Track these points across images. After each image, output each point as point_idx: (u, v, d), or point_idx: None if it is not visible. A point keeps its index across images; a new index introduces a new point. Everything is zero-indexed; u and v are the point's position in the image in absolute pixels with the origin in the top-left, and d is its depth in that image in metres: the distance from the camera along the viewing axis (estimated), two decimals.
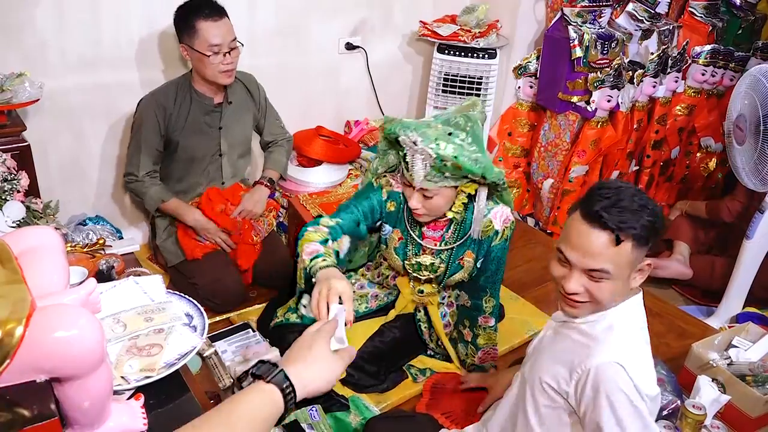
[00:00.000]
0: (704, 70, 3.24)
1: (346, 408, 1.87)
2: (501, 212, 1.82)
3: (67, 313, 0.90)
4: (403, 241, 1.89)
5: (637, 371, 1.27)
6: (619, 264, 1.28)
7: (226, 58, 2.20)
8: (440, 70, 3.02)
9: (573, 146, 3.05)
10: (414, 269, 1.92)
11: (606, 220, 1.25)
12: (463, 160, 1.59)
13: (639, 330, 1.37)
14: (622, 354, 1.29)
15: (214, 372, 1.96)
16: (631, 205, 1.26)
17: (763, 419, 1.91)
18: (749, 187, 2.42)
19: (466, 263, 1.88)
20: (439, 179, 1.66)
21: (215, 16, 2.16)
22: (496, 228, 1.82)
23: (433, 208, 1.74)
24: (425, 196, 1.70)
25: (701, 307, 2.78)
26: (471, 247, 1.86)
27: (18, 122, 2.08)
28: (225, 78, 2.25)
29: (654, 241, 1.30)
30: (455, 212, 1.77)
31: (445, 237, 1.86)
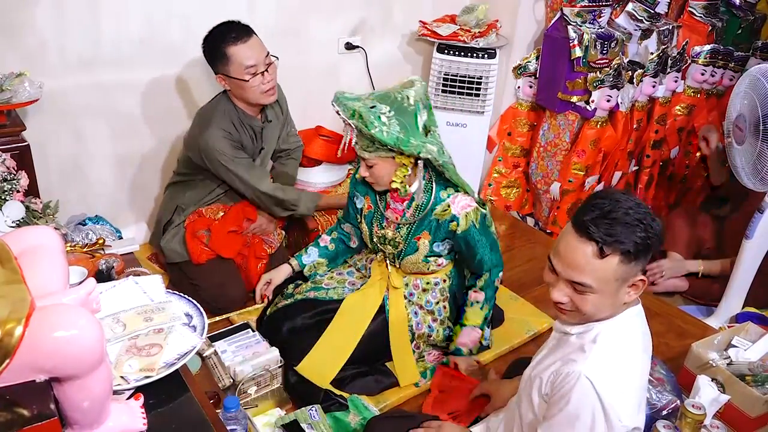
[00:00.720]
0: (704, 69, 3.24)
1: (345, 408, 1.88)
2: (461, 199, 1.90)
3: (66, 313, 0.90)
4: (371, 210, 2.03)
5: (609, 390, 1.23)
6: (603, 279, 1.24)
7: (264, 77, 2.16)
8: (440, 70, 3.02)
9: (573, 146, 3.05)
10: (379, 241, 2.02)
11: (592, 231, 1.21)
12: (375, 131, 1.69)
13: (629, 347, 1.31)
14: (595, 369, 1.25)
15: (213, 372, 1.97)
16: (624, 218, 1.21)
17: (762, 419, 1.91)
18: (749, 187, 2.42)
19: (422, 245, 1.95)
20: (371, 149, 1.78)
21: (243, 38, 2.12)
22: (453, 212, 1.88)
23: (377, 177, 1.86)
24: (368, 165, 1.84)
25: (701, 306, 2.78)
26: (428, 228, 1.93)
27: (17, 122, 2.08)
28: (268, 97, 2.21)
29: (646, 257, 1.25)
30: (399, 183, 1.85)
31: (406, 213, 1.94)
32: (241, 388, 1.85)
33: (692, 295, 2.84)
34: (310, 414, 1.80)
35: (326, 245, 2.20)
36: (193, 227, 2.34)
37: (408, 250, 1.98)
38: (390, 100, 1.75)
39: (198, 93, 2.63)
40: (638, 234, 1.21)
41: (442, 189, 1.91)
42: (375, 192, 1.99)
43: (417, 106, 1.76)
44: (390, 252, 2.02)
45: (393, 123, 1.71)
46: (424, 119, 1.79)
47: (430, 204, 1.91)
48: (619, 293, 1.27)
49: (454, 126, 3.11)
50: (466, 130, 3.11)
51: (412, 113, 1.75)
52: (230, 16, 2.61)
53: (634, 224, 1.21)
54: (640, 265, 1.26)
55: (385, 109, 1.72)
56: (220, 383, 1.93)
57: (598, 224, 1.22)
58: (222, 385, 1.93)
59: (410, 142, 1.73)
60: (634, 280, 1.27)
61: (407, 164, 1.82)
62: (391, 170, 1.84)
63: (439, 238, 1.94)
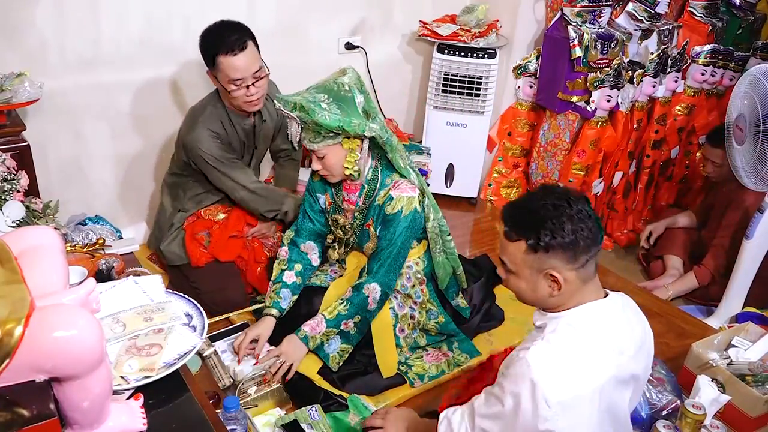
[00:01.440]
0: (704, 69, 3.24)
1: (344, 408, 1.88)
2: (401, 183, 1.93)
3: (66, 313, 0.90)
4: (332, 206, 2.07)
5: (544, 373, 1.23)
6: (515, 262, 1.31)
7: (249, 90, 2.12)
8: (440, 70, 3.02)
9: (573, 146, 3.05)
10: (334, 226, 2.07)
11: (505, 214, 1.32)
12: (318, 117, 1.75)
13: (584, 340, 1.29)
14: (538, 353, 1.26)
15: (213, 372, 1.97)
16: (538, 210, 1.27)
17: (762, 419, 1.91)
18: (749, 187, 2.42)
19: (372, 232, 1.99)
20: (318, 139, 1.82)
21: (236, 51, 2.05)
22: (391, 193, 1.92)
23: (330, 167, 1.89)
24: (318, 157, 1.88)
25: (701, 306, 2.78)
26: (373, 214, 1.97)
27: (18, 122, 2.08)
28: (251, 107, 2.18)
29: (556, 256, 1.26)
30: (352, 169, 1.88)
31: (359, 202, 1.99)
32: (241, 388, 1.85)
33: (692, 295, 2.84)
34: (310, 414, 1.80)
35: (294, 281, 2.07)
36: (192, 229, 2.34)
37: (362, 236, 2.02)
38: (326, 89, 1.81)
39: (198, 93, 2.62)
40: (543, 231, 1.25)
41: (388, 175, 1.96)
42: (331, 187, 2.03)
43: (353, 91, 1.82)
44: (351, 241, 2.06)
45: (333, 107, 1.78)
46: (361, 102, 1.84)
47: (375, 190, 1.96)
48: (539, 284, 1.31)
49: (454, 126, 3.11)
50: (466, 130, 3.11)
51: (349, 98, 1.81)
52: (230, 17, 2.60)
53: (544, 220, 1.26)
54: (551, 261, 1.28)
55: (323, 97, 1.79)
56: (220, 383, 1.93)
57: (513, 208, 1.33)
58: (222, 385, 1.93)
59: (352, 122, 1.79)
60: (548, 273, 1.28)
61: (355, 148, 1.86)
62: (341, 157, 1.87)
63: (380, 222, 1.96)
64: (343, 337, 1.95)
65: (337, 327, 1.93)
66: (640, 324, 1.40)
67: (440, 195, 3.15)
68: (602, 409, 1.28)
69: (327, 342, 1.93)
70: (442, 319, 2.10)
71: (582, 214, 1.27)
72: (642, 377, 1.40)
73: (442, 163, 3.18)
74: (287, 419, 1.79)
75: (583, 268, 1.30)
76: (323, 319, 1.92)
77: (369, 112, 1.86)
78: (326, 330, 1.92)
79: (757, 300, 2.57)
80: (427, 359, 2.09)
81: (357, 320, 1.94)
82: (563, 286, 1.29)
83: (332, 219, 2.08)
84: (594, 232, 1.29)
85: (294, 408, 1.89)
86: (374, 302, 1.94)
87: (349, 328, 1.94)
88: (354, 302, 1.93)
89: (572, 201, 1.28)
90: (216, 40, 2.07)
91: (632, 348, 1.34)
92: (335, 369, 1.93)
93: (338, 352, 1.94)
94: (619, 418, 1.36)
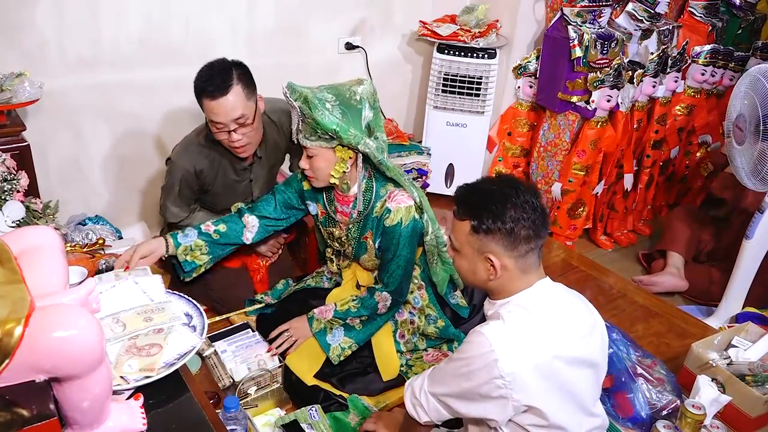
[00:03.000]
0: (704, 69, 3.24)
1: (344, 408, 1.88)
2: (397, 194, 1.90)
3: (66, 313, 0.90)
4: (325, 216, 2.05)
5: (499, 343, 1.27)
6: (459, 240, 1.38)
7: (231, 136, 2.02)
8: (440, 70, 3.02)
9: (573, 146, 3.05)
10: (330, 239, 2.07)
11: (457, 194, 1.38)
12: (317, 114, 1.73)
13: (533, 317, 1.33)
14: (492, 328, 1.30)
15: (213, 372, 1.97)
16: (487, 194, 1.33)
17: (762, 419, 1.91)
18: (749, 187, 2.42)
19: (369, 244, 1.97)
20: (313, 137, 1.80)
21: (216, 94, 1.95)
22: (387, 205, 1.90)
23: (315, 169, 1.87)
24: (308, 155, 1.85)
25: (701, 307, 2.78)
26: (371, 227, 1.95)
27: (18, 122, 2.08)
28: (237, 153, 2.11)
29: (495, 239, 1.31)
30: (336, 178, 1.87)
31: (353, 214, 1.97)
32: (241, 388, 1.85)
33: (692, 295, 2.84)
34: (310, 414, 1.80)
35: (208, 232, 2.01)
36: None
37: (359, 249, 2.01)
38: (337, 92, 1.80)
39: None
40: (486, 214, 1.31)
41: (382, 186, 1.94)
42: (323, 197, 2.02)
43: (363, 103, 1.80)
44: (348, 253, 2.05)
45: (335, 110, 1.76)
46: (368, 117, 1.82)
47: (371, 203, 1.94)
48: (478, 266, 1.36)
49: (454, 126, 3.11)
50: (466, 130, 3.11)
51: (356, 108, 1.79)
52: (230, 16, 2.61)
53: (489, 204, 1.31)
54: (490, 245, 1.33)
55: (331, 98, 1.77)
56: (220, 383, 1.93)
57: (465, 189, 1.38)
58: (222, 385, 1.93)
59: (349, 131, 1.76)
60: (487, 256, 1.33)
61: (346, 159, 1.83)
62: (330, 163, 1.84)
63: (379, 235, 1.96)
64: (346, 330, 1.97)
65: (344, 320, 1.97)
66: (586, 307, 1.43)
67: (440, 195, 3.15)
68: (556, 385, 1.30)
69: (330, 332, 1.95)
70: (442, 323, 2.09)
71: (528, 205, 1.32)
72: (600, 365, 1.40)
73: (442, 163, 3.18)
74: (287, 419, 1.79)
75: (523, 258, 1.34)
76: (333, 308, 1.98)
77: (373, 130, 1.84)
78: (332, 318, 1.96)
79: (757, 300, 2.57)
80: (426, 359, 2.09)
81: (364, 319, 1.97)
82: (500, 272, 1.34)
83: (327, 232, 2.07)
84: (537, 225, 1.32)
85: (294, 408, 1.89)
86: (384, 308, 1.97)
87: (355, 324, 1.97)
88: (365, 304, 1.97)
89: (521, 191, 1.33)
90: (202, 80, 1.99)
91: (581, 329, 1.37)
92: (335, 362, 1.94)
93: (340, 345, 1.95)
94: (577, 399, 1.36)
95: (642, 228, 3.45)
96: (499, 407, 1.29)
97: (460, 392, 1.34)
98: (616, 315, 2.50)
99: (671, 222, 3.03)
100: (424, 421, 1.45)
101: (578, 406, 1.36)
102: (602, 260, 3.06)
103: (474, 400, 1.32)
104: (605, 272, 2.83)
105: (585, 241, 3.28)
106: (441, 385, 1.40)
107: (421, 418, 1.45)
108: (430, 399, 1.42)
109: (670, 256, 2.90)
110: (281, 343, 1.96)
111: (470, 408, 1.34)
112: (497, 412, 1.30)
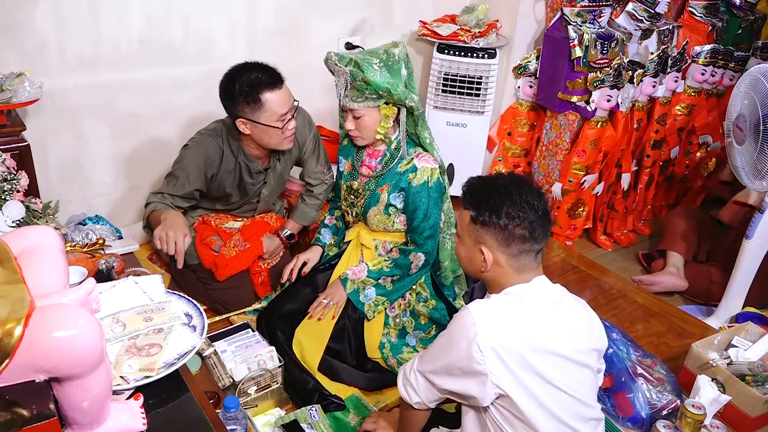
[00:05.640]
0: (704, 69, 3.24)
1: (343, 408, 1.88)
2: (425, 156, 2.01)
3: (66, 313, 0.90)
4: (350, 170, 2.15)
5: (482, 321, 1.29)
6: (461, 227, 1.43)
7: (291, 123, 2.11)
8: (440, 70, 3.02)
9: (573, 146, 3.05)
10: (347, 192, 2.15)
11: (466, 184, 1.43)
12: (370, 74, 1.83)
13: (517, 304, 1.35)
14: (478, 306, 1.33)
15: (213, 372, 1.97)
16: (491, 188, 1.38)
17: (762, 419, 1.91)
18: (749, 187, 2.42)
19: (383, 197, 2.04)
20: (360, 98, 1.90)
21: (278, 85, 2.04)
22: (415, 163, 1.99)
23: (363, 128, 1.97)
24: (355, 117, 1.95)
25: (701, 306, 2.78)
26: (390, 179, 2.03)
27: (17, 122, 2.08)
28: (289, 143, 2.16)
29: (486, 231, 1.35)
30: (381, 134, 1.97)
31: (378, 167, 2.06)
32: (241, 388, 1.85)
33: (692, 295, 2.84)
34: (310, 414, 1.80)
35: (334, 224, 2.29)
36: (201, 235, 2.33)
37: (371, 200, 2.06)
38: (378, 55, 1.90)
39: (197, 93, 2.63)
40: (485, 206, 1.35)
41: (412, 146, 2.04)
42: (354, 150, 2.12)
43: (400, 63, 1.92)
44: (358, 206, 2.11)
45: (383, 70, 1.87)
46: (405, 76, 1.94)
47: (397, 158, 2.02)
48: (474, 255, 1.39)
49: (454, 126, 3.11)
50: (466, 130, 3.11)
51: (397, 68, 1.91)
52: (230, 16, 2.61)
53: (490, 197, 1.35)
54: (485, 237, 1.36)
55: (375, 60, 1.88)
56: (220, 383, 1.93)
57: (474, 180, 1.43)
58: (222, 385, 1.93)
59: (398, 87, 1.87)
60: (481, 248, 1.36)
61: (390, 115, 1.95)
62: (376, 121, 1.95)
63: (396, 189, 2.02)
64: (378, 288, 2.05)
65: (377, 279, 2.06)
66: (584, 308, 1.43)
67: None
68: (532, 371, 1.29)
69: (363, 291, 2.04)
70: (433, 303, 2.12)
71: (527, 205, 1.33)
72: (589, 365, 1.38)
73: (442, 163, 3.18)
74: (287, 419, 1.79)
75: (516, 258, 1.35)
76: (366, 267, 2.07)
77: (408, 87, 1.95)
78: (365, 278, 2.05)
79: (757, 300, 2.57)
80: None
81: (396, 278, 2.07)
82: (491, 266, 1.36)
83: (347, 186, 2.14)
84: (534, 226, 1.33)
85: (294, 408, 1.89)
86: (416, 268, 2.06)
87: (386, 283, 2.06)
88: (399, 263, 2.05)
89: (524, 191, 1.35)
90: (254, 79, 2.01)
91: (572, 327, 1.37)
92: (371, 318, 2.05)
93: (374, 302, 2.04)
94: (559, 399, 1.32)
95: (642, 228, 3.45)
96: (478, 385, 1.29)
97: (443, 366, 1.36)
98: (616, 315, 2.50)
99: (671, 222, 3.03)
100: (415, 402, 1.46)
101: (561, 403, 1.32)
102: (602, 260, 3.06)
103: (455, 376, 1.33)
104: (605, 272, 2.83)
105: (585, 241, 3.28)
106: (428, 362, 1.41)
107: (412, 399, 1.46)
108: (419, 377, 1.43)
109: (670, 256, 2.90)
110: (322, 309, 2.03)
111: (453, 384, 1.35)
112: (477, 390, 1.30)
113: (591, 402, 1.40)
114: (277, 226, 2.45)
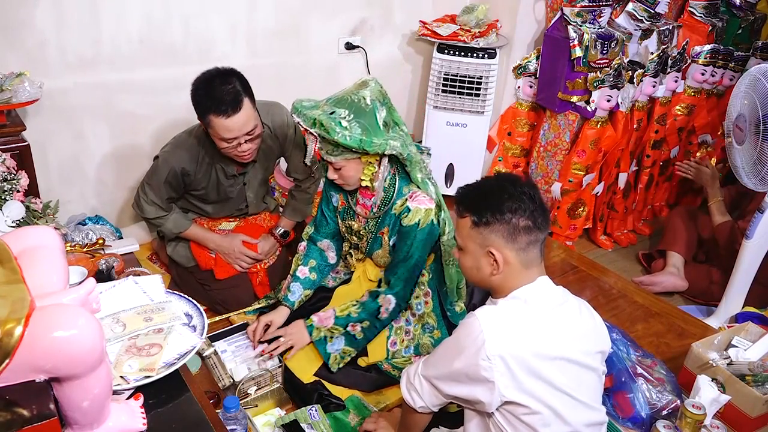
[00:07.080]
0: (704, 69, 3.24)
1: (343, 408, 1.88)
2: (419, 195, 1.89)
3: (66, 313, 0.90)
4: (345, 206, 2.05)
5: (489, 327, 1.28)
6: (462, 237, 1.40)
7: (241, 147, 2.00)
8: (440, 70, 3.02)
9: (573, 146, 3.05)
10: (348, 232, 2.06)
11: (458, 194, 1.41)
12: (338, 137, 1.70)
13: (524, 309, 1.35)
14: (485, 313, 1.34)
15: (213, 372, 1.97)
16: (485, 189, 1.38)
17: (762, 419, 1.91)
18: (749, 187, 2.42)
19: (385, 240, 1.97)
20: (336, 152, 1.78)
21: (229, 111, 1.90)
22: (408, 204, 1.89)
23: (346, 178, 1.87)
24: (335, 168, 1.84)
25: (701, 306, 2.78)
26: (388, 223, 1.94)
27: (17, 122, 2.08)
28: (245, 160, 2.09)
29: (491, 230, 1.34)
30: (368, 181, 1.86)
31: (374, 208, 1.96)
32: (241, 388, 1.85)
33: (692, 295, 2.84)
34: (310, 414, 1.80)
35: (307, 276, 2.10)
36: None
37: (374, 244, 2.00)
38: (347, 103, 1.75)
39: None
40: (485, 207, 1.34)
41: (405, 185, 1.92)
42: (345, 190, 2.01)
43: (374, 105, 1.77)
44: (362, 248, 2.05)
45: (354, 126, 1.72)
46: (383, 116, 1.79)
47: (392, 199, 1.93)
48: (482, 261, 1.38)
49: (454, 126, 3.11)
50: (466, 130, 3.11)
51: (371, 113, 1.75)
52: (230, 17, 2.61)
53: (487, 197, 1.36)
54: (491, 238, 1.35)
55: (344, 113, 1.73)
56: (220, 383, 1.93)
57: (465, 188, 1.42)
58: (222, 385, 1.93)
59: (373, 142, 1.73)
60: (489, 251, 1.35)
61: (373, 162, 1.83)
62: (358, 170, 1.84)
63: (395, 233, 1.95)
64: (347, 339, 1.95)
65: (344, 327, 1.94)
66: (587, 310, 1.43)
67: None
68: (539, 377, 1.29)
69: (331, 340, 1.94)
70: (438, 334, 2.05)
71: (525, 196, 1.34)
72: (594, 368, 1.38)
73: (442, 163, 3.18)
74: (287, 419, 1.79)
75: (524, 252, 1.35)
76: (333, 314, 1.96)
77: (390, 125, 1.83)
78: (333, 326, 1.94)
79: (757, 300, 2.57)
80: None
81: (365, 325, 1.95)
82: (502, 267, 1.35)
83: (346, 225, 2.06)
84: (535, 215, 1.34)
85: (294, 408, 1.89)
86: (386, 312, 1.95)
87: (356, 331, 1.95)
88: (367, 308, 1.95)
89: (518, 183, 1.36)
90: (208, 97, 1.92)
91: (577, 330, 1.37)
92: (334, 370, 1.94)
93: (340, 354, 1.94)
94: (565, 400, 1.32)
95: (642, 228, 3.45)
96: (485, 391, 1.29)
97: (450, 373, 1.35)
98: (616, 315, 2.50)
99: (671, 222, 3.03)
100: (419, 406, 1.45)
101: (566, 405, 1.33)
102: (602, 260, 3.06)
103: (462, 382, 1.33)
104: (605, 272, 2.83)
105: (585, 241, 3.28)
106: (433, 367, 1.41)
107: (416, 403, 1.45)
108: (423, 382, 1.43)
109: (670, 256, 2.90)
110: (276, 347, 1.94)
111: (459, 390, 1.34)
112: (484, 395, 1.30)
113: (596, 405, 1.40)
114: (270, 224, 2.45)
